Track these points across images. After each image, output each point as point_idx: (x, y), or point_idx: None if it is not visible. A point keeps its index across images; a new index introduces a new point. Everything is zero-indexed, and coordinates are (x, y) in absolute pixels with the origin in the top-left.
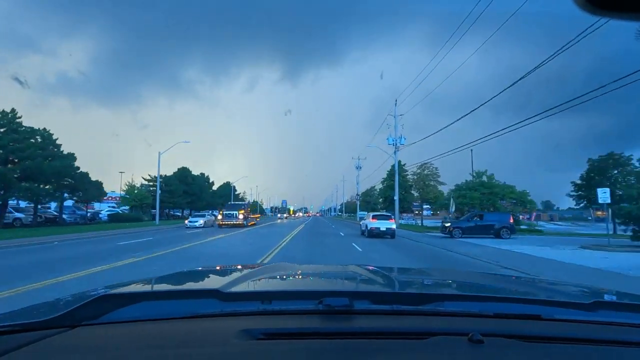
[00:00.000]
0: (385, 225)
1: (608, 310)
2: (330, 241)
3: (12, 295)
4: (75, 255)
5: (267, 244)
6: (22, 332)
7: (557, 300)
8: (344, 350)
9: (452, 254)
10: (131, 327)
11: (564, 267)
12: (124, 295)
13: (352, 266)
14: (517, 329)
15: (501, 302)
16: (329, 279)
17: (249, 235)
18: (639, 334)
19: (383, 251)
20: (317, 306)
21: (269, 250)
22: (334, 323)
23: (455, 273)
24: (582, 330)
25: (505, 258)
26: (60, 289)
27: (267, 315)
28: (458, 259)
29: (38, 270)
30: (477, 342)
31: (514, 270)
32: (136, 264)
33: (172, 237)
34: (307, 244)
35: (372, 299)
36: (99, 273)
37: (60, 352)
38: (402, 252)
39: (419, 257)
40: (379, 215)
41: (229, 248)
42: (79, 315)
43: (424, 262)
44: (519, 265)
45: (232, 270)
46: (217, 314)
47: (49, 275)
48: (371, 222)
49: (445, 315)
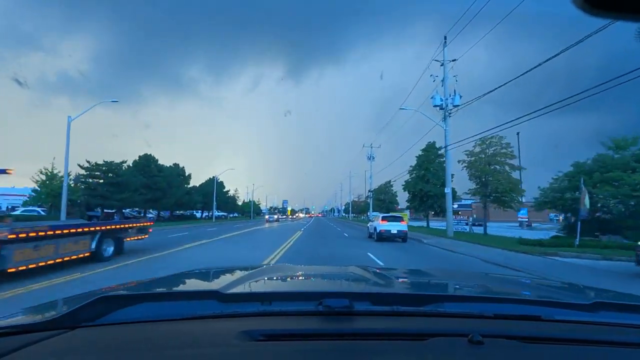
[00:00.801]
0: (396, 227)
1: (608, 311)
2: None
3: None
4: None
5: None
6: (22, 333)
7: (557, 301)
8: (344, 352)
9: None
10: (131, 328)
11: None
12: (124, 296)
13: (352, 267)
14: (517, 330)
15: (501, 303)
16: (329, 280)
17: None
18: (639, 334)
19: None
20: (317, 307)
21: None
22: (334, 324)
23: (455, 274)
24: (582, 331)
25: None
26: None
27: (267, 317)
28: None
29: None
30: (477, 343)
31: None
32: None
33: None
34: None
35: (372, 300)
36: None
37: (61, 353)
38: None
39: None
40: (389, 217)
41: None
42: (79, 316)
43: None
44: None
45: (232, 272)
46: (217, 315)
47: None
48: (381, 224)
49: (445, 316)
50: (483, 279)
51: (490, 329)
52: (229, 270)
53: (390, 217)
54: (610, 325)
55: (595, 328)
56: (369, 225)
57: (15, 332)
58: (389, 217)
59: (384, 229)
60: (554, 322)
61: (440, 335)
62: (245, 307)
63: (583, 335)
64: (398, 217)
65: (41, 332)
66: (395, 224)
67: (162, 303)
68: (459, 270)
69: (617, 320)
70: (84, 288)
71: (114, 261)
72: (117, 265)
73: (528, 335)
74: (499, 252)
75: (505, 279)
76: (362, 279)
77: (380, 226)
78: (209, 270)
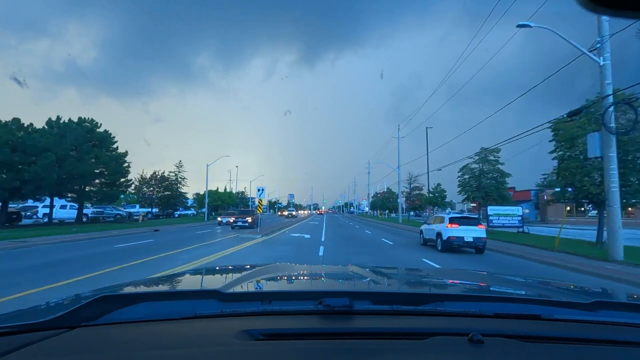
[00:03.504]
0: (471, 232)
1: (608, 310)
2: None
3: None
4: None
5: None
6: (23, 333)
7: (557, 300)
8: (344, 351)
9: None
10: (131, 327)
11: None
12: (124, 296)
13: (351, 266)
14: (517, 329)
15: (501, 302)
16: (329, 279)
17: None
18: (639, 334)
19: None
20: (317, 306)
21: None
22: (333, 323)
23: (455, 273)
24: (582, 330)
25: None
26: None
27: (267, 316)
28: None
29: None
30: (478, 342)
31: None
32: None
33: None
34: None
35: (372, 299)
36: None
37: (61, 353)
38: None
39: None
40: (462, 219)
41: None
42: (80, 316)
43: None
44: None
45: (232, 271)
46: (217, 315)
47: None
48: (449, 229)
49: (445, 316)
50: (483, 278)
51: (490, 328)
52: (229, 269)
53: (462, 218)
54: (610, 325)
55: (595, 327)
56: (423, 229)
57: (15, 332)
58: (461, 219)
59: (453, 235)
60: (554, 321)
61: (440, 334)
62: (245, 306)
63: (583, 334)
64: (473, 219)
65: (41, 332)
66: (470, 228)
67: (162, 302)
68: (459, 269)
69: (617, 319)
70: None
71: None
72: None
73: (528, 334)
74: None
75: (505, 279)
76: (362, 278)
77: (448, 231)
78: (209, 269)
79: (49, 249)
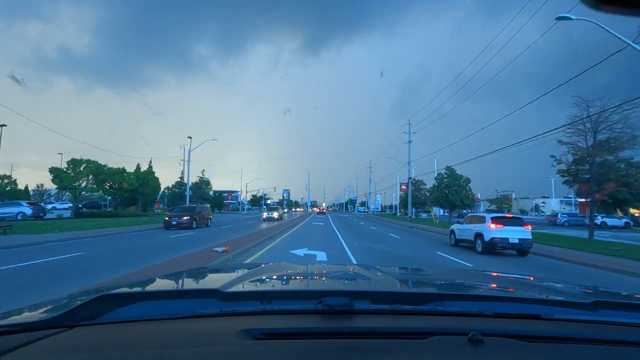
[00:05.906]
0: (517, 233)
1: (608, 310)
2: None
3: None
4: None
5: None
6: (22, 332)
7: (557, 299)
8: (344, 350)
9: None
10: (131, 327)
11: None
12: (124, 295)
13: (352, 266)
14: (517, 328)
15: (501, 301)
16: (329, 279)
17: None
18: (639, 333)
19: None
20: (316, 306)
21: None
22: (333, 323)
23: (455, 272)
24: (582, 330)
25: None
26: None
27: (267, 315)
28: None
29: None
30: (477, 342)
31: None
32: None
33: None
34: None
35: (372, 298)
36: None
37: (60, 352)
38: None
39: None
40: (506, 219)
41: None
42: (79, 315)
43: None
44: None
45: (232, 270)
46: (217, 314)
47: None
48: (491, 230)
49: (445, 315)
50: (483, 278)
51: (490, 327)
52: (229, 268)
53: (507, 218)
54: (609, 324)
55: (595, 327)
56: (455, 229)
57: (14, 331)
58: (505, 219)
59: (497, 236)
60: (553, 321)
61: (440, 334)
62: (245, 305)
63: (583, 334)
64: (518, 220)
65: (40, 331)
66: (515, 229)
67: (162, 302)
68: (460, 269)
69: (617, 319)
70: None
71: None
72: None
73: (528, 334)
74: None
75: (505, 278)
76: (362, 277)
77: (490, 232)
78: (209, 268)
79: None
